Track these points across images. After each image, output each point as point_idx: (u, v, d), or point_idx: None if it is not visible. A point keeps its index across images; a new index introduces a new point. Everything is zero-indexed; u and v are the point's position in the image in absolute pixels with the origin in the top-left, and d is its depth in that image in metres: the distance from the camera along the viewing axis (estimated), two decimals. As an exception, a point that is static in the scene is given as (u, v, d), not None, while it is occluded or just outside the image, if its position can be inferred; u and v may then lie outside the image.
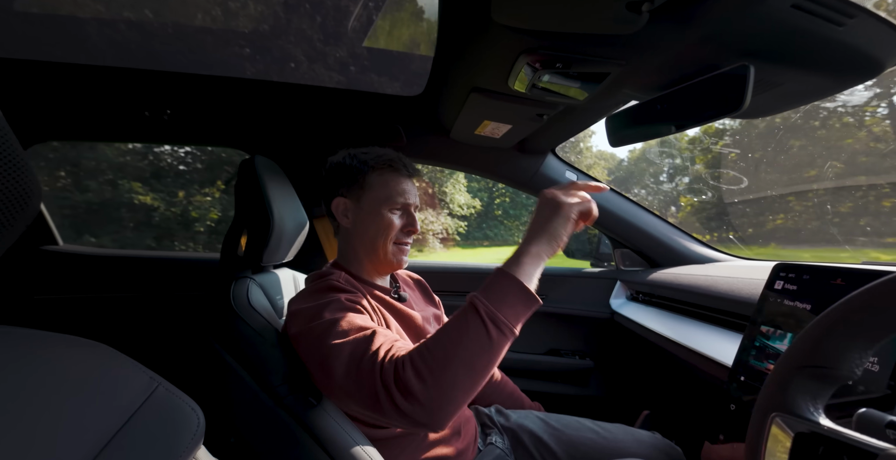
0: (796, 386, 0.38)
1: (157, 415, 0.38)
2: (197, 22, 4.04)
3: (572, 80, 0.62)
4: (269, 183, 0.77)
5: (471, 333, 0.55)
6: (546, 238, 0.60)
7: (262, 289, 0.78)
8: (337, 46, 3.78)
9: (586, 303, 1.38)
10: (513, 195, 16.27)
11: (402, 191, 0.77)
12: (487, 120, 0.87)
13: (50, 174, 6.39)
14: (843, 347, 0.36)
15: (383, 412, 0.55)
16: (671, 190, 23.50)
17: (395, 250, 0.79)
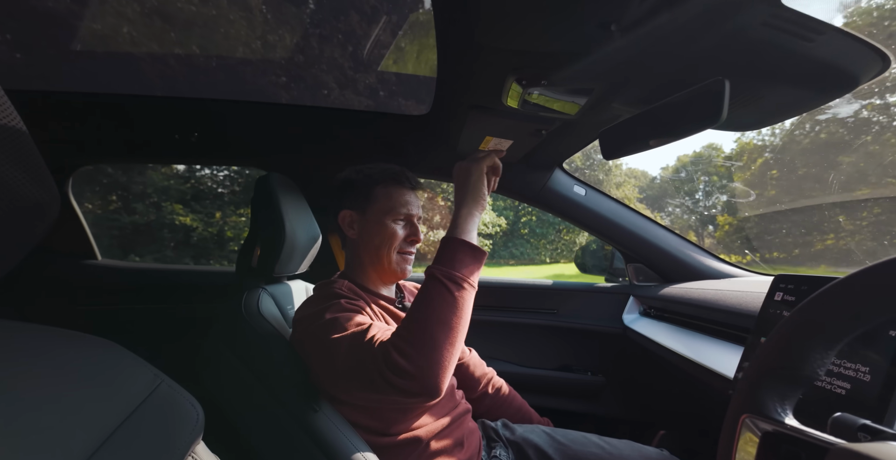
0: (765, 388, 0.39)
1: (159, 410, 0.40)
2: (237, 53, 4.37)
3: (560, 97, 0.66)
4: (283, 198, 0.83)
5: (434, 297, 0.62)
6: (470, 197, 0.73)
7: (273, 299, 0.83)
8: (356, 72, 3.99)
9: (598, 318, 1.36)
10: (539, 214, 16.11)
11: (406, 203, 0.83)
12: (490, 135, 0.92)
13: (103, 198, 6.93)
14: (805, 348, 0.37)
15: (383, 392, 0.60)
16: (707, 208, 22.58)
17: (399, 259, 0.83)
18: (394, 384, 0.58)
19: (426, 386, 0.58)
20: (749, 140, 19.68)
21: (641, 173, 26.74)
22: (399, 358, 0.59)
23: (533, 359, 1.38)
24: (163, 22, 4.96)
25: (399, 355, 0.59)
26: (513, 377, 1.30)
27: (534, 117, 0.79)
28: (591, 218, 1.27)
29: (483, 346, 1.37)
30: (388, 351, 0.60)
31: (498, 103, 0.74)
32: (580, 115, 0.75)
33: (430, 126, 1.05)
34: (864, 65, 0.53)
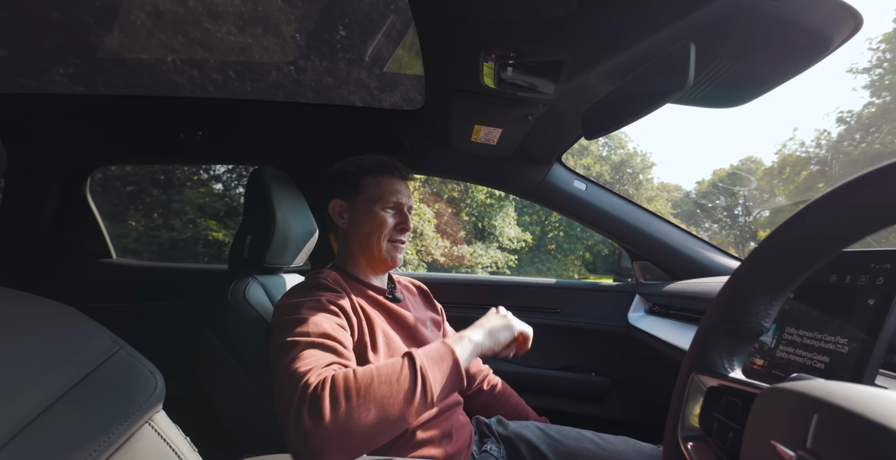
0: (712, 344, 0.39)
1: (115, 375, 0.41)
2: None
3: (533, 73, 0.68)
4: (276, 190, 0.87)
5: (400, 380, 0.56)
6: (490, 336, 0.71)
7: (264, 288, 0.86)
8: (353, 69, 4.11)
9: (603, 317, 1.32)
10: (566, 229, 15.79)
11: (395, 191, 0.84)
12: (478, 124, 0.94)
13: (146, 216, 7.41)
14: (748, 301, 0.36)
15: (286, 420, 0.54)
16: (748, 224, 21.39)
17: (390, 247, 0.84)
18: (301, 416, 0.52)
19: (319, 442, 0.51)
20: (791, 152, 18.67)
21: (675, 187, 25.80)
22: (327, 398, 0.53)
23: (536, 359, 1.34)
24: (204, 51, 5.38)
25: (330, 395, 0.53)
26: (515, 377, 1.27)
27: (516, 100, 0.81)
28: (593, 214, 1.25)
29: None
30: (323, 384, 0.54)
31: (478, 85, 0.76)
32: (561, 96, 0.75)
33: (425, 120, 1.08)
34: (835, 24, 0.52)
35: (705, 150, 47.50)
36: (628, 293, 1.32)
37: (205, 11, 4.87)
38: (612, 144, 19.43)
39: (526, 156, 1.19)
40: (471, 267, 12.05)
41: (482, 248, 12.59)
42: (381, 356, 0.77)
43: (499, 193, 12.82)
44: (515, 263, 13.55)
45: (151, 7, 4.28)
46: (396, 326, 0.85)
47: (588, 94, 0.75)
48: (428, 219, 9.92)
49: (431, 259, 10.30)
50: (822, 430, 0.23)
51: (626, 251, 1.34)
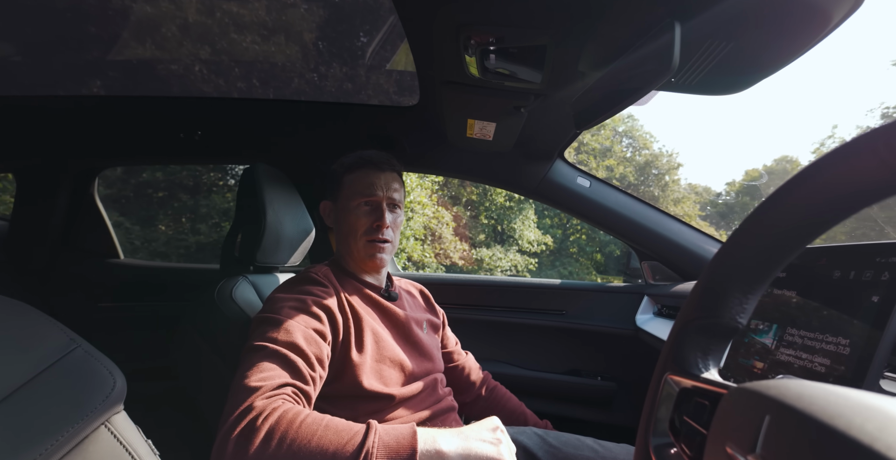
0: (686, 342, 0.36)
1: (70, 373, 0.39)
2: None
3: (516, 59, 0.65)
4: (268, 188, 0.87)
5: (340, 451, 0.50)
6: (465, 446, 0.54)
7: (255, 288, 0.85)
8: (348, 63, 4.12)
9: (609, 319, 1.27)
10: (589, 231, 15.44)
11: (369, 185, 0.81)
12: (471, 118, 0.92)
13: (175, 220, 7.70)
14: (721, 295, 0.33)
15: (218, 431, 0.52)
16: (783, 225, 20.25)
17: (368, 246, 0.81)
18: (230, 436, 0.49)
19: None
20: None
21: (704, 189, 24.82)
22: (263, 431, 0.50)
23: (539, 362, 1.31)
24: (230, 59, 5.59)
25: (266, 429, 0.50)
26: (517, 381, 1.23)
27: (505, 91, 0.79)
28: (598, 212, 1.21)
29: (486, 348, 1.32)
30: (268, 413, 0.51)
31: (465, 76, 0.75)
32: (551, 86, 0.73)
33: (421, 116, 1.07)
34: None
35: (736, 150, 45.54)
36: (636, 294, 1.26)
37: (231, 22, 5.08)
38: (636, 145, 18.92)
39: (526, 152, 1.16)
40: (490, 270, 11.94)
41: (501, 251, 12.45)
42: (369, 355, 0.76)
43: (518, 196, 12.68)
44: (536, 267, 13.34)
45: (181, 20, 4.48)
46: (389, 324, 0.84)
47: (580, 83, 0.73)
48: (446, 222, 9.91)
49: (450, 262, 10.27)
50: (772, 433, 0.20)
51: (634, 251, 1.29)
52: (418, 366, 0.82)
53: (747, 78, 0.62)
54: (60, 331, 0.43)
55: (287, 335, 0.63)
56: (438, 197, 10.54)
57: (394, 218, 0.84)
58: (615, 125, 17.92)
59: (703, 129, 44.88)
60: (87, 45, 2.34)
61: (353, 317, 0.77)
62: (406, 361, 0.80)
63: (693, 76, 0.61)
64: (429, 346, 0.88)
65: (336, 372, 0.73)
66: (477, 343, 1.28)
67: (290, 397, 0.57)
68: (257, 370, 0.58)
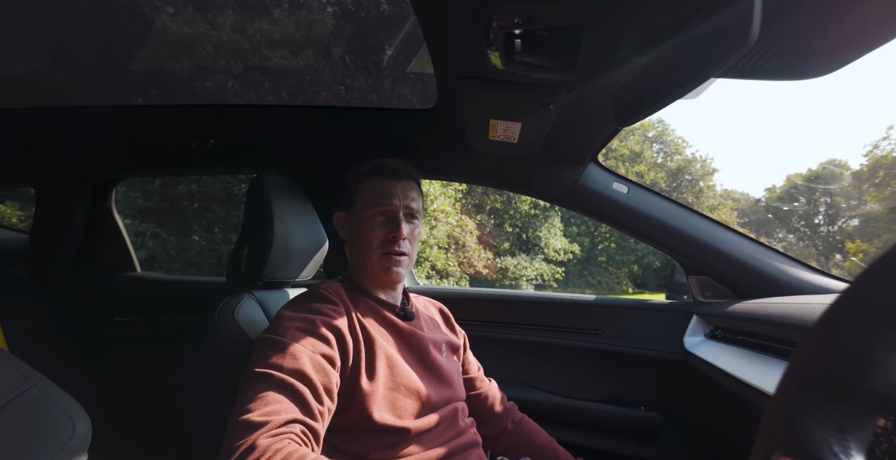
0: (806, 412, 0.24)
1: (20, 418, 0.34)
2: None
3: (546, 45, 0.56)
4: (277, 197, 0.81)
5: None
6: None
7: (262, 305, 0.80)
8: (374, 74, 4.12)
9: (653, 341, 1.13)
10: (618, 240, 14.94)
11: (385, 194, 0.75)
12: (494, 118, 0.84)
13: (208, 231, 7.97)
14: (867, 345, 0.22)
15: None
16: (831, 234, 19.05)
17: (383, 259, 0.74)
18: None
19: None
20: (886, 153, 16.43)
21: (741, 195, 23.63)
22: None
23: (572, 388, 1.18)
24: (261, 74, 5.80)
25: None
26: (548, 408, 1.11)
27: (532, 85, 0.70)
28: (638, 221, 1.08)
29: (511, 370, 1.21)
30: (268, 454, 0.48)
31: (486, 69, 0.67)
32: (586, 77, 0.63)
33: (439, 119, 1.00)
34: None
35: (777, 154, 43.09)
36: (684, 313, 1.12)
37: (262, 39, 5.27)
38: (667, 150, 18.29)
39: (555, 156, 1.06)
40: (515, 279, 11.70)
41: (526, 260, 12.23)
42: (381, 383, 0.68)
43: (544, 203, 12.46)
44: (563, 276, 13.01)
45: (217, 38, 4.70)
46: (405, 347, 0.76)
47: (620, 72, 0.62)
48: (470, 231, 9.82)
49: (474, 271, 10.14)
50: None
51: (680, 264, 1.15)
52: (437, 394, 0.74)
53: (839, 57, 0.50)
54: (13, 367, 0.37)
55: (293, 361, 0.58)
56: (462, 205, 10.49)
57: (411, 229, 0.77)
58: (644, 130, 17.41)
59: (740, 133, 42.82)
60: (131, 64, 2.45)
61: (364, 339, 0.70)
62: (423, 389, 0.72)
63: (769, 54, 0.50)
64: (448, 371, 0.80)
65: (344, 402, 0.66)
66: (500, 364, 1.17)
67: (298, 437, 0.52)
68: (261, 402, 0.52)
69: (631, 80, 0.60)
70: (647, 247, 14.45)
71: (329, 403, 0.59)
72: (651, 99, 0.57)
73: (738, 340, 0.91)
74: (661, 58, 0.53)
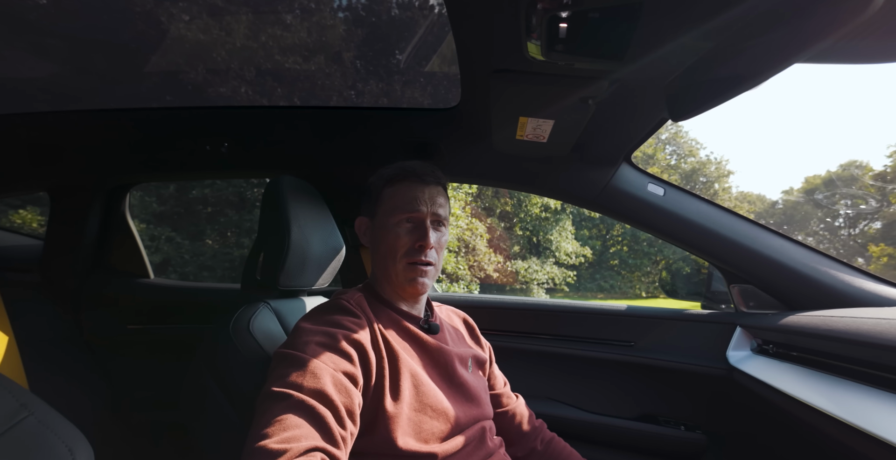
0: None
1: (17, 449, 0.32)
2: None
3: (595, 28, 0.50)
4: (293, 201, 0.77)
5: None
6: None
7: (278, 315, 0.76)
8: (384, 78, 4.09)
9: (692, 355, 1.05)
10: (631, 243, 14.69)
11: (412, 199, 0.70)
12: (524, 116, 0.77)
13: (221, 235, 8.03)
14: None
15: None
16: (853, 237, 18.50)
17: (408, 270, 0.69)
18: None
19: None
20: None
21: (757, 197, 23.06)
22: None
23: (602, 404, 1.10)
24: (274, 80, 5.85)
25: None
26: (576, 425, 1.04)
27: (573, 77, 0.63)
28: (675, 225, 1.01)
29: (537, 383, 1.14)
30: None
31: (522, 61, 0.61)
32: (635, 66, 0.56)
33: (462, 118, 0.94)
34: None
35: (794, 155, 42.02)
36: (725, 325, 1.04)
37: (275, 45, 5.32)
38: (681, 152, 17.98)
39: (586, 156, 0.99)
40: (526, 283, 11.57)
41: (537, 264, 12.09)
42: (406, 404, 0.62)
43: (554, 206, 12.33)
44: (574, 279, 12.83)
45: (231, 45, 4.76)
46: (430, 363, 0.70)
47: (673, 59, 0.56)
48: (480, 234, 9.74)
49: (484, 274, 10.05)
50: None
51: (720, 271, 1.07)
52: (464, 414, 0.69)
53: None
54: (8, 392, 0.34)
55: (314, 380, 0.53)
56: (472, 208, 10.42)
57: (438, 237, 0.72)
58: (657, 133, 17.15)
59: (756, 134, 41.88)
60: (147, 72, 2.47)
61: (388, 355, 0.65)
62: (450, 410, 0.67)
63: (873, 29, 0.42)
64: (475, 389, 0.74)
65: (367, 425, 0.61)
66: (524, 377, 1.10)
67: None
68: (279, 426, 0.48)
69: (691, 68, 0.53)
70: (661, 249, 14.08)
71: (351, 427, 0.55)
72: (714, 91, 0.50)
73: (795, 357, 0.83)
74: (736, 37, 0.47)
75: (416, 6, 3.11)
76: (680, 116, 0.56)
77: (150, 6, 2.39)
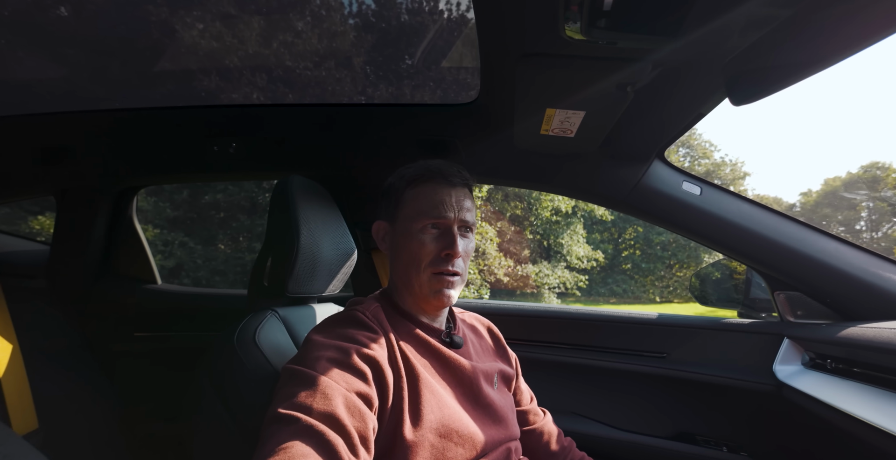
0: None
1: None
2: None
3: (648, 0, 0.43)
4: (303, 203, 0.71)
5: None
6: None
7: (286, 324, 0.70)
8: (394, 83, 4.04)
9: (733, 368, 0.96)
10: (644, 247, 14.41)
11: (438, 203, 0.63)
12: (552, 107, 0.71)
13: (233, 239, 8.10)
14: None
15: None
16: (875, 240, 17.95)
17: (433, 281, 0.63)
18: None
19: None
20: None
21: (774, 200, 22.54)
22: None
23: (636, 421, 1.02)
24: (285, 86, 5.90)
25: None
26: (605, 444, 0.96)
27: (610, 59, 0.57)
28: (713, 227, 0.93)
29: (561, 397, 1.07)
30: None
31: (555, 42, 0.54)
32: (690, 44, 0.49)
33: (480, 113, 0.88)
34: None
35: (813, 157, 40.87)
36: (770, 335, 0.95)
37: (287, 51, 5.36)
38: (694, 154, 17.68)
39: (616, 152, 0.92)
40: (537, 287, 11.40)
41: (548, 268, 11.93)
42: (428, 429, 0.56)
43: (566, 209, 12.17)
44: (586, 284, 12.62)
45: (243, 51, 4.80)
46: (453, 382, 0.64)
47: (735, 34, 0.49)
48: (490, 238, 9.64)
49: (494, 279, 9.94)
50: None
51: (763, 277, 0.98)
52: (491, 438, 0.63)
53: None
54: None
55: (325, 402, 0.47)
56: (482, 212, 10.33)
57: (465, 245, 0.65)
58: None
59: (773, 135, 40.87)
60: (161, 79, 2.48)
61: (407, 373, 0.58)
62: (477, 434, 0.60)
63: None
64: (502, 408, 0.68)
65: (382, 453, 0.55)
66: (548, 390, 1.02)
67: None
68: (284, 455, 0.43)
69: (755, 45, 0.46)
70: (675, 254, 13.73)
71: (365, 455, 0.48)
72: (781, 73, 0.43)
73: (857, 373, 0.74)
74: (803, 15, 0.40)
75: (426, 11, 3.09)
76: (742, 100, 0.49)
77: (165, 15, 2.41)
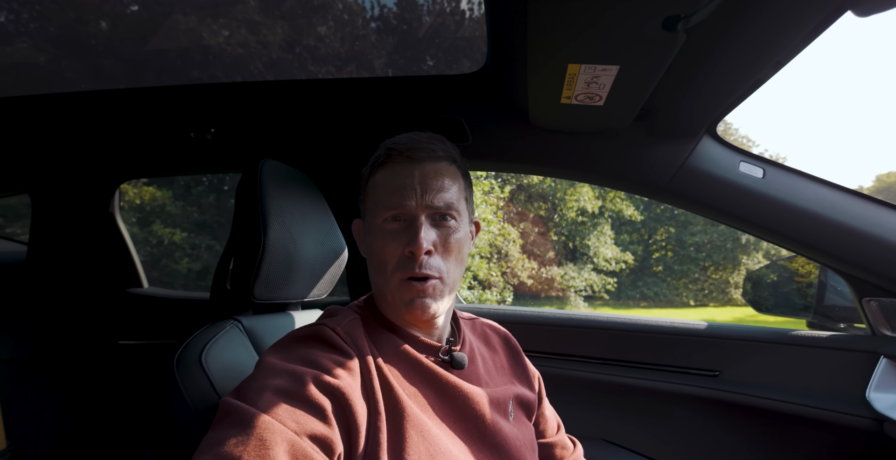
0: None
1: None
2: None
3: None
4: (276, 193, 0.60)
5: None
6: None
7: (251, 336, 0.59)
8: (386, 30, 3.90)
9: (810, 394, 0.77)
10: (676, 248, 13.75)
11: (396, 189, 0.49)
12: (575, 61, 0.55)
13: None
14: None
15: None
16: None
17: (402, 288, 0.48)
18: None
19: None
20: None
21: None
22: None
23: (679, 453, 0.85)
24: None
25: None
26: None
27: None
28: (781, 218, 0.75)
29: (590, 422, 0.90)
30: None
31: None
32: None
33: (488, 82, 0.73)
34: None
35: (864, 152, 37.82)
36: (861, 353, 0.76)
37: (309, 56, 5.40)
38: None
39: (656, 127, 0.75)
40: (562, 290, 11.05)
41: (574, 270, 11.58)
42: None
43: (592, 210, 11.79)
44: (615, 287, 12.17)
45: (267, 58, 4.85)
46: (452, 415, 0.49)
47: None
48: (513, 239, 9.42)
49: (518, 281, 9.70)
50: None
51: (846, 280, 0.79)
52: None
53: None
54: None
55: (260, 450, 0.35)
56: (504, 213, 10.11)
57: (443, 236, 0.50)
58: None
59: (820, 129, 38.21)
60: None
61: (387, 408, 0.45)
62: None
63: None
64: (518, 446, 0.53)
65: None
66: (574, 413, 0.86)
67: None
68: None
69: None
70: (710, 255, 13.13)
71: None
72: None
73: None
74: None
75: (448, 12, 3.01)
76: (869, 10, 0.32)
77: (193, 24, 2.44)
